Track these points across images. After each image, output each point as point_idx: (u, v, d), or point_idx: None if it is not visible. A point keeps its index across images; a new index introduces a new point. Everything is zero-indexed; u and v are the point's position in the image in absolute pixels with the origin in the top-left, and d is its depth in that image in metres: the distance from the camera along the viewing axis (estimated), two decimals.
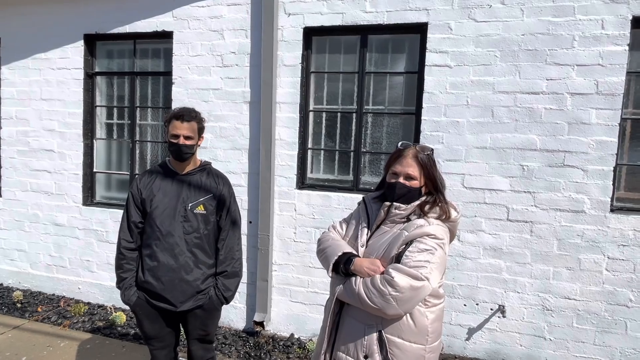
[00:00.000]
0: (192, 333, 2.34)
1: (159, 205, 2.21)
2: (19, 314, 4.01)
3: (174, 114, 2.20)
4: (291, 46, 3.57)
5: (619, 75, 2.98)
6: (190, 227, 2.22)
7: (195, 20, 3.78)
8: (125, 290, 2.25)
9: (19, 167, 4.45)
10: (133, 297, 2.25)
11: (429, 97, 3.32)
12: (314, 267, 3.63)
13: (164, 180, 2.26)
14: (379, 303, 1.54)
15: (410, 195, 1.69)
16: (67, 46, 4.19)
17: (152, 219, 2.21)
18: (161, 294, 2.21)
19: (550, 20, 3.06)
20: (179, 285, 2.21)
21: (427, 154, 1.72)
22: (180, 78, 3.87)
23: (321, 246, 1.83)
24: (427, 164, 1.70)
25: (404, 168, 1.69)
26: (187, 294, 2.22)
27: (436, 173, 1.73)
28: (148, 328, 2.31)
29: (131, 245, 2.25)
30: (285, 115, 3.63)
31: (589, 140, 3.06)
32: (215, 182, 2.32)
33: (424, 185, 1.72)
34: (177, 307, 2.23)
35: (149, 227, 2.23)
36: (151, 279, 2.21)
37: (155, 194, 2.23)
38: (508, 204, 3.24)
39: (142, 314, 2.28)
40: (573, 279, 3.18)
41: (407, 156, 1.70)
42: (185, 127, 2.17)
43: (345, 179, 3.73)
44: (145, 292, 2.25)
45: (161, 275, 2.20)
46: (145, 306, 2.26)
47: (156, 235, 2.20)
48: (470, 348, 3.41)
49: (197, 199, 2.24)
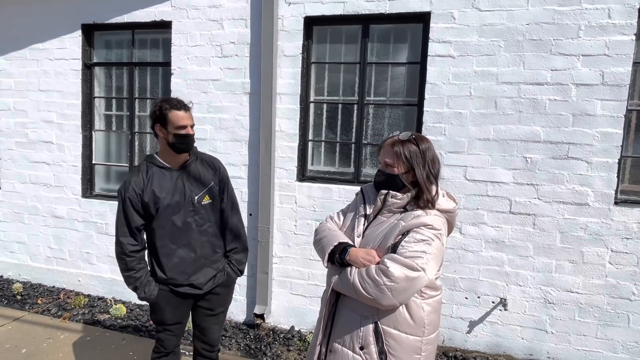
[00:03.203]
0: (215, 311, 2.38)
1: (168, 205, 2.16)
2: (19, 306, 4.00)
3: (170, 105, 2.10)
4: (291, 36, 3.52)
5: (625, 65, 2.93)
6: (202, 219, 2.24)
7: (194, 10, 3.72)
8: (145, 287, 2.20)
9: (17, 159, 4.42)
10: (154, 290, 2.22)
11: (431, 88, 3.27)
12: (315, 259, 3.61)
13: (162, 179, 2.16)
14: (373, 293, 1.52)
15: (390, 182, 1.66)
16: (65, 36, 4.13)
17: (163, 219, 2.17)
18: (186, 283, 2.24)
19: (555, 9, 3.00)
20: (201, 270, 2.26)
21: (404, 140, 1.66)
22: (179, 69, 3.82)
23: (317, 236, 1.82)
24: (402, 152, 1.63)
25: (381, 157, 1.72)
26: (209, 276, 2.29)
27: (418, 162, 1.63)
28: (170, 316, 2.29)
29: (137, 248, 2.19)
30: (285, 106, 3.59)
31: (593, 132, 3.02)
32: (212, 169, 2.32)
33: (405, 173, 1.65)
34: (202, 289, 2.27)
35: (160, 228, 2.18)
36: (176, 275, 2.22)
37: (158, 195, 2.14)
38: (511, 197, 3.20)
39: (165, 303, 2.26)
40: (576, 272, 3.15)
41: (386, 145, 1.71)
42: (188, 116, 2.14)
43: (346, 171, 3.70)
44: (169, 284, 2.24)
45: (184, 268, 2.23)
46: (167, 296, 2.25)
47: (171, 235, 2.19)
48: (471, 341, 3.39)
49: (201, 191, 2.24)
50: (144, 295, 2.21)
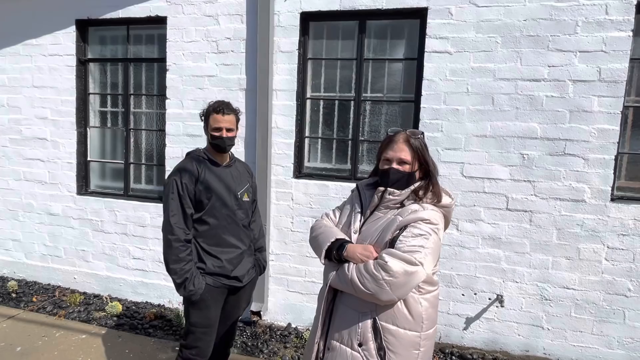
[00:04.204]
0: (240, 307, 2.51)
1: (220, 196, 2.27)
2: (14, 304, 3.98)
3: (212, 108, 2.27)
4: (288, 32, 3.49)
5: (622, 62, 2.92)
6: (244, 214, 2.40)
7: (189, 5, 3.69)
8: (195, 279, 2.19)
9: (11, 156, 4.39)
10: (202, 283, 2.22)
11: (428, 84, 3.26)
12: (311, 256, 3.60)
13: (211, 173, 2.28)
14: (372, 288, 1.51)
15: (405, 180, 1.67)
16: (59, 32, 4.09)
17: (215, 209, 2.26)
18: (232, 275, 2.32)
19: (552, 5, 2.99)
20: (244, 263, 2.39)
21: (418, 137, 1.71)
22: (174, 65, 3.79)
23: (314, 233, 1.81)
24: (419, 148, 1.69)
25: (395, 153, 1.67)
26: (247, 269, 2.42)
27: (428, 156, 1.71)
28: (214, 313, 2.31)
29: (189, 237, 2.24)
30: (282, 102, 3.57)
31: (590, 128, 3.01)
32: (247, 171, 2.55)
33: (417, 170, 1.70)
34: (243, 282, 2.38)
35: (213, 218, 2.26)
36: (227, 264, 2.29)
37: (211, 186, 2.25)
38: (507, 193, 3.20)
39: (211, 298, 2.27)
40: (572, 268, 3.15)
41: (399, 141, 1.69)
42: (226, 120, 2.26)
43: (343, 167, 3.68)
44: (217, 275, 2.27)
45: (233, 258, 2.32)
46: (212, 290, 2.26)
47: (223, 225, 2.29)
48: (468, 337, 3.40)
49: (242, 188, 2.40)
50: (192, 289, 2.17)
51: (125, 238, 4.12)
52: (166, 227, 2.19)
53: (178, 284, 2.19)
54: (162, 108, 3.97)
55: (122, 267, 4.16)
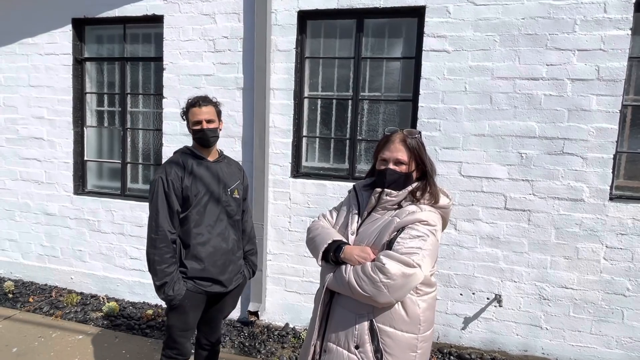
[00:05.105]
0: (224, 311, 2.43)
1: (207, 193, 2.22)
2: (10, 304, 3.96)
3: (189, 104, 2.25)
4: (285, 30, 3.47)
5: (620, 60, 2.91)
6: (232, 212, 2.33)
7: (186, 4, 3.67)
8: (175, 284, 2.13)
9: (8, 156, 4.36)
10: (183, 289, 2.16)
11: (426, 83, 3.24)
12: (309, 256, 3.58)
13: (199, 168, 2.24)
14: (370, 291, 1.50)
15: (401, 181, 1.65)
16: (55, 31, 4.07)
17: (201, 206, 2.21)
18: (216, 278, 2.24)
19: (551, 3, 2.97)
20: (230, 266, 2.31)
21: (415, 137, 1.68)
22: (171, 64, 3.77)
23: (310, 235, 1.79)
24: (416, 147, 1.66)
25: (392, 153, 1.66)
26: (233, 274, 2.34)
27: (425, 156, 1.69)
28: (192, 318, 2.26)
29: (174, 236, 2.17)
30: (279, 102, 3.55)
31: (588, 127, 3.00)
32: (238, 169, 2.47)
33: (414, 170, 1.68)
34: (228, 287, 2.30)
35: (198, 215, 2.20)
36: (210, 267, 2.22)
37: (198, 181, 2.20)
38: (506, 193, 3.19)
39: (190, 305, 2.21)
40: (570, 268, 3.14)
41: (395, 141, 1.67)
42: (204, 111, 2.21)
43: (340, 167, 3.67)
44: (198, 280, 2.20)
45: (217, 259, 2.24)
46: (193, 296, 2.20)
47: (208, 222, 2.23)
48: (466, 337, 3.39)
49: (232, 185, 2.34)
50: (172, 294, 2.12)
51: (122, 238, 4.10)
52: (151, 226, 2.14)
53: (157, 286, 2.13)
54: (159, 107, 3.95)
55: (119, 267, 4.14)
